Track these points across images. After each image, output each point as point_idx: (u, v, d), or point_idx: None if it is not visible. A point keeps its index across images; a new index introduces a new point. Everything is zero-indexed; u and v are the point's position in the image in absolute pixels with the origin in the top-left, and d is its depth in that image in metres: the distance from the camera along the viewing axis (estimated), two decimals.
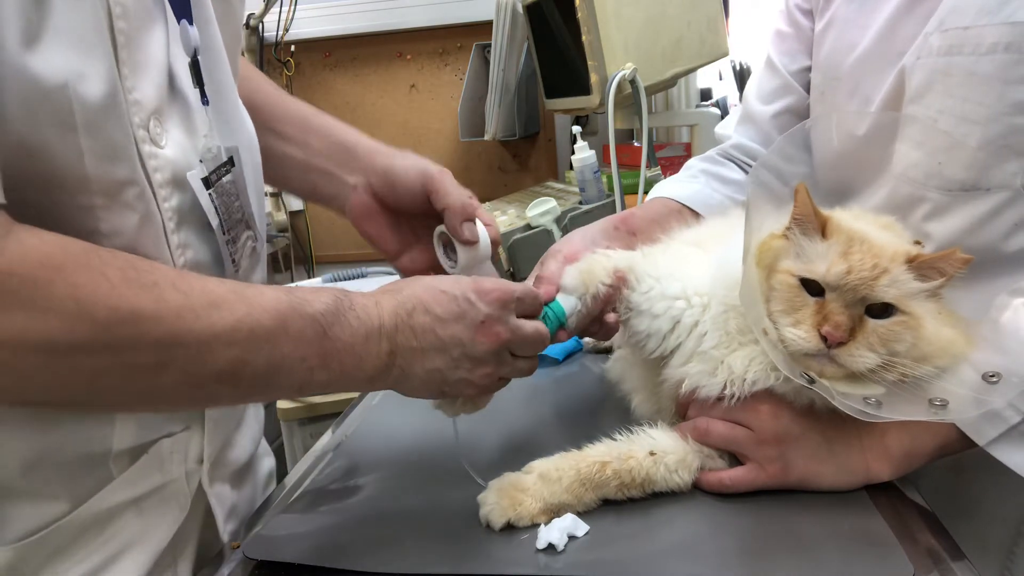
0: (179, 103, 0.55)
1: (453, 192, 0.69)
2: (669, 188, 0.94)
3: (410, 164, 0.71)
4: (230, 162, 0.59)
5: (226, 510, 0.65)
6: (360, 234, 0.75)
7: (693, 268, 0.68)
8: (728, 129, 0.99)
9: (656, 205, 0.92)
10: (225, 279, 0.51)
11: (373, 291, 0.57)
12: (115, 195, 0.49)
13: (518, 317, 0.61)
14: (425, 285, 0.58)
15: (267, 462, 0.73)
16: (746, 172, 0.96)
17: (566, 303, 0.68)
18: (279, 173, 0.75)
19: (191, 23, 0.55)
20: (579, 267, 0.71)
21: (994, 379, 0.55)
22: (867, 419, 0.54)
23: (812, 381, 0.56)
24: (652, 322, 0.66)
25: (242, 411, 0.69)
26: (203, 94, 0.57)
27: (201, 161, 0.56)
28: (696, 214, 0.90)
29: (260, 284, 0.53)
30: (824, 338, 0.55)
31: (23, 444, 0.51)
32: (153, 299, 0.45)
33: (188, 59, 0.56)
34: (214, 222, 0.56)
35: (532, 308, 0.63)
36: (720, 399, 0.62)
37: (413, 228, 0.75)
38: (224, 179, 0.58)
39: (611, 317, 0.73)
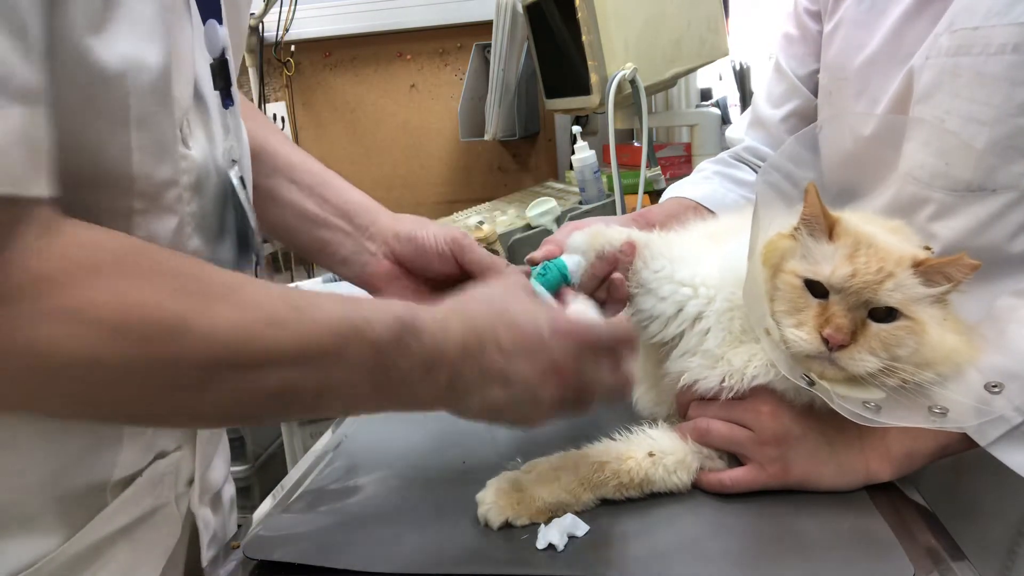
0: (200, 105, 0.53)
1: (483, 251, 0.69)
2: (684, 188, 0.95)
3: (434, 231, 0.71)
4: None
5: (210, 535, 0.63)
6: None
7: (706, 259, 0.67)
8: (738, 133, 1.00)
9: (672, 203, 0.93)
10: (284, 287, 0.48)
11: (441, 307, 0.52)
12: (155, 198, 0.47)
13: (599, 357, 0.54)
14: (497, 310, 0.52)
15: (229, 489, 0.71)
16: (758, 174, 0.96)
17: (570, 261, 0.66)
18: (285, 222, 0.72)
19: (220, 23, 0.54)
20: (588, 230, 0.70)
21: (996, 389, 0.55)
22: (865, 423, 0.54)
23: (812, 383, 0.56)
24: (657, 303, 0.66)
25: (221, 432, 0.68)
26: (227, 96, 0.56)
27: (234, 161, 0.55)
28: (711, 213, 0.91)
29: (318, 293, 0.48)
30: (825, 340, 0.55)
31: (30, 466, 0.48)
32: (203, 312, 0.41)
33: (211, 60, 0.54)
34: (253, 222, 0.55)
35: (620, 346, 0.56)
36: (718, 395, 0.63)
37: (433, 290, 0.73)
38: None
39: (617, 276, 0.68)
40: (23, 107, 0.36)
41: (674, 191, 0.97)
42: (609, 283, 0.68)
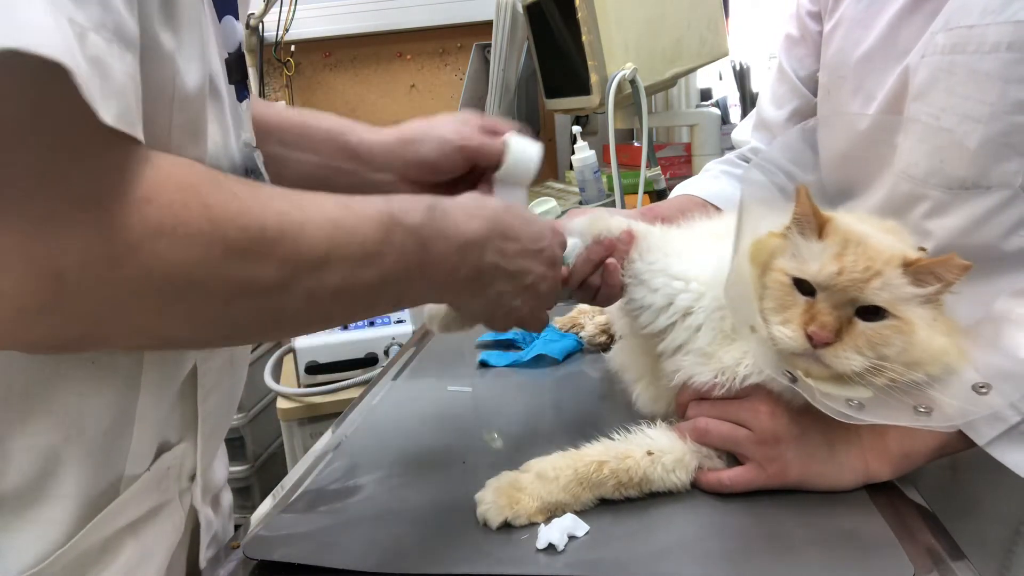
0: (216, 102, 0.54)
1: (484, 138, 0.72)
2: (692, 187, 0.97)
3: (436, 145, 0.72)
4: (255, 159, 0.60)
5: (210, 534, 0.64)
6: None
7: (702, 255, 0.68)
8: (745, 135, 1.01)
9: (680, 200, 0.94)
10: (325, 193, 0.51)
11: (458, 203, 0.57)
12: None
13: None
14: (506, 208, 0.60)
15: (227, 495, 0.72)
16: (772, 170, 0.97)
17: (568, 242, 0.69)
18: (287, 183, 0.74)
19: (237, 19, 0.56)
20: (589, 215, 0.73)
21: (984, 390, 0.55)
22: (847, 421, 0.54)
23: (794, 380, 0.56)
24: (648, 295, 0.68)
25: (227, 424, 0.68)
26: (242, 90, 0.57)
27: (256, 147, 0.56)
28: (718, 210, 0.93)
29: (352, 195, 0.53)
30: (810, 337, 0.55)
31: (47, 449, 0.49)
32: (278, 214, 0.45)
33: (225, 55, 0.55)
34: None
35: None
36: (711, 391, 0.63)
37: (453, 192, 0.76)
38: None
39: (611, 262, 0.71)
40: (132, 55, 0.39)
41: (683, 189, 0.98)
42: (603, 268, 0.71)
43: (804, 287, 0.58)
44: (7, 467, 0.48)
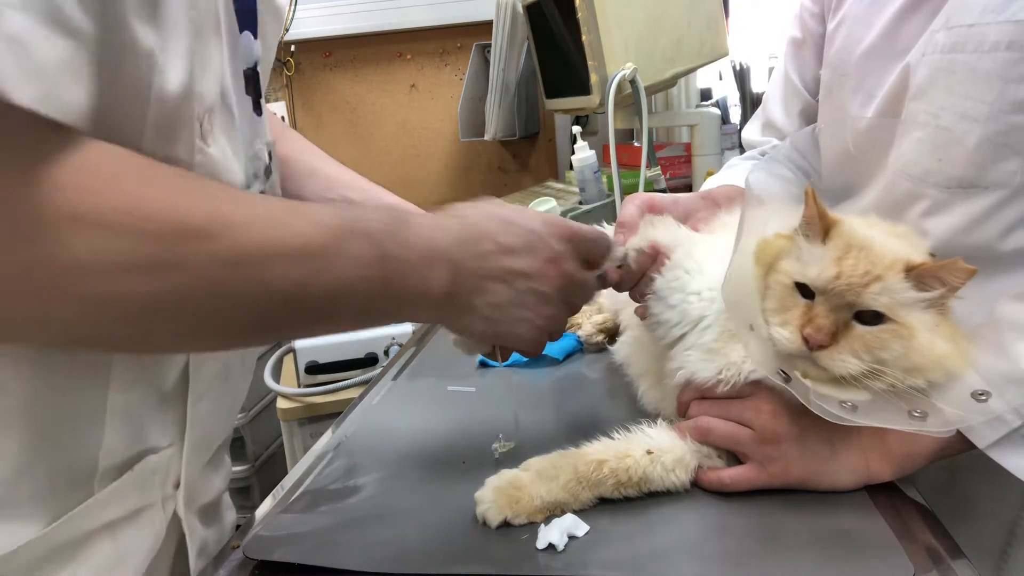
0: (225, 111, 0.54)
1: None
2: (727, 178, 0.95)
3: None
4: (267, 171, 0.60)
5: (198, 544, 0.63)
6: None
7: (723, 266, 0.68)
8: (753, 135, 1.00)
9: (728, 189, 0.92)
10: (278, 197, 0.50)
11: (433, 213, 0.55)
12: None
13: (582, 259, 0.60)
14: (489, 213, 0.56)
15: (230, 515, 0.71)
16: (791, 170, 0.97)
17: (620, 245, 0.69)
18: None
19: (255, 36, 0.55)
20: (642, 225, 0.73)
21: (983, 397, 0.55)
22: (838, 422, 0.54)
23: (788, 380, 0.57)
24: (665, 311, 0.68)
25: (219, 435, 0.68)
26: (257, 105, 0.57)
27: (270, 156, 0.56)
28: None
29: (314, 203, 0.50)
30: (806, 339, 0.56)
31: (14, 445, 0.48)
32: (210, 212, 0.42)
33: (244, 68, 0.56)
34: None
35: (599, 253, 0.62)
36: (715, 388, 0.63)
37: None
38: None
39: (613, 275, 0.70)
40: (72, 41, 0.38)
41: (718, 180, 0.96)
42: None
43: (805, 290, 0.58)
44: None
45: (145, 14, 0.44)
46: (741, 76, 1.83)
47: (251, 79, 0.56)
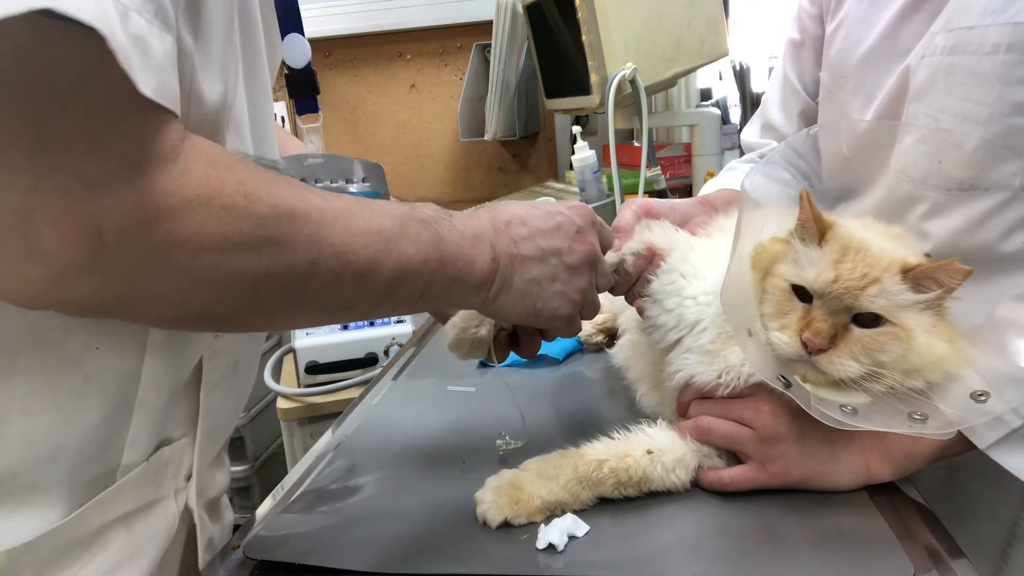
0: (231, 116, 0.56)
1: None
2: (725, 181, 0.95)
3: None
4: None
5: (207, 537, 0.64)
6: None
7: (719, 271, 0.68)
8: (752, 136, 1.00)
9: (727, 193, 0.92)
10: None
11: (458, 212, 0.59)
12: None
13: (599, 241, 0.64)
14: (512, 207, 0.61)
15: (228, 515, 0.72)
16: (790, 172, 0.97)
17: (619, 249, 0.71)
18: None
19: (302, 35, 0.59)
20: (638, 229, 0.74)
21: (983, 398, 0.55)
22: (840, 427, 0.54)
23: (788, 385, 0.56)
24: (661, 314, 0.68)
25: (228, 427, 0.69)
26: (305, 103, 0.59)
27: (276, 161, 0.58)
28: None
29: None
30: (805, 344, 0.56)
31: (43, 435, 0.49)
32: (303, 198, 0.46)
33: (296, 68, 0.58)
34: None
35: (607, 240, 0.66)
36: (715, 390, 0.63)
37: None
38: None
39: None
40: (171, 37, 0.42)
41: (716, 184, 0.96)
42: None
43: (802, 293, 0.58)
44: (4, 447, 0.48)
45: (186, 16, 0.46)
46: (741, 76, 1.83)
47: (301, 79, 0.58)
